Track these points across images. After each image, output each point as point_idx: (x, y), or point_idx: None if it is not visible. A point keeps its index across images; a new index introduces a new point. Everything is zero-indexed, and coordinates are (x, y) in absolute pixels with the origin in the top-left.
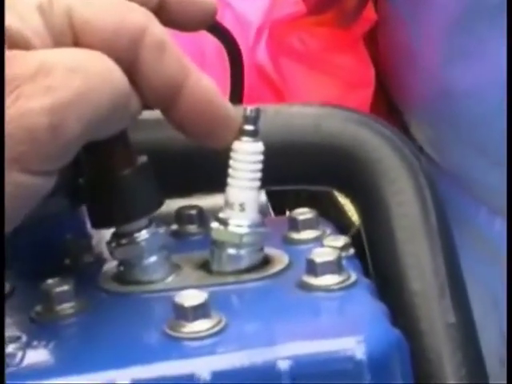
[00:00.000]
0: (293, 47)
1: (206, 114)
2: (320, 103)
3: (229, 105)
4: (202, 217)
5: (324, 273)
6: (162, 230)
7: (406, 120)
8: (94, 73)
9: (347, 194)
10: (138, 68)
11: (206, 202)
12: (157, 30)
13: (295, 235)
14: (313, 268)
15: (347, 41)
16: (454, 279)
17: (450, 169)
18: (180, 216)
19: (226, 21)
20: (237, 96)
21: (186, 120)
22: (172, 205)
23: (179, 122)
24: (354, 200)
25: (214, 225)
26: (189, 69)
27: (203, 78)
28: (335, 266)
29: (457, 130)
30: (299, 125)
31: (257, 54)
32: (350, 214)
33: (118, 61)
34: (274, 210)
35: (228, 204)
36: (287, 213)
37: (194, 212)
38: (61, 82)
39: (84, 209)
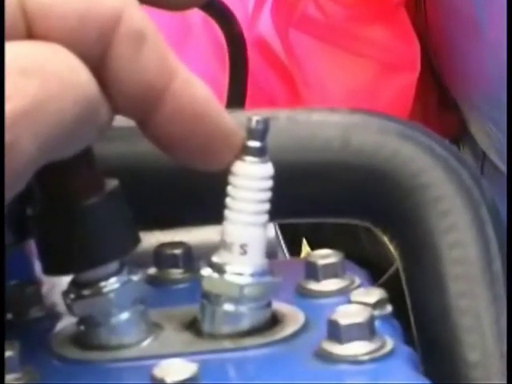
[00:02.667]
0: (307, 16)
1: (195, 128)
2: (349, 109)
3: (226, 115)
4: (189, 258)
5: (351, 339)
6: (137, 277)
7: (464, 116)
8: (54, 74)
9: (384, 230)
10: (109, 66)
11: (195, 237)
12: (135, 16)
13: (314, 285)
14: (336, 332)
15: (382, 8)
16: None
17: None
18: (160, 256)
19: None
20: (238, 95)
21: (169, 135)
22: (150, 240)
23: (160, 137)
24: (393, 238)
25: (206, 272)
26: (174, 68)
27: (193, 81)
28: (366, 330)
29: None
30: (321, 138)
31: (258, 26)
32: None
33: (84, 57)
34: (285, 237)
35: (225, 244)
36: (304, 241)
37: (178, 251)
38: (11, 89)
39: (32, 245)
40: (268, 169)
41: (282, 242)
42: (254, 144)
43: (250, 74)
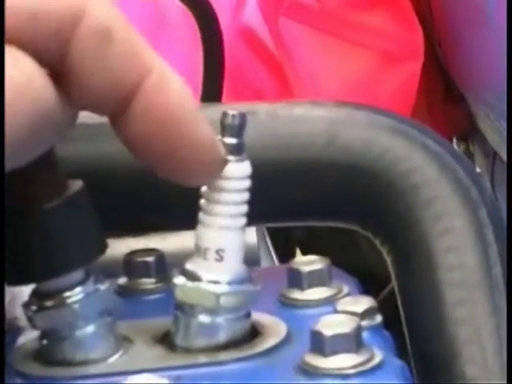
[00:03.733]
0: (298, 2)
1: (164, 132)
2: (335, 102)
3: (204, 124)
4: (162, 266)
5: (336, 351)
6: (104, 286)
7: (472, 110)
8: (9, 81)
9: (375, 234)
10: (70, 64)
11: (170, 244)
12: (99, 12)
13: (297, 294)
14: (320, 344)
15: None
16: None
17: None
18: (131, 265)
19: None
20: (213, 87)
21: (136, 136)
22: (120, 248)
23: (127, 137)
24: (385, 243)
25: (179, 280)
26: (149, 64)
27: (170, 80)
28: (352, 342)
29: None
30: (304, 134)
31: (244, 14)
32: None
33: (40, 56)
34: (276, 247)
35: (200, 250)
36: (297, 251)
37: (150, 259)
38: None
39: None
40: (245, 168)
41: (273, 251)
42: (230, 141)
43: (235, 66)
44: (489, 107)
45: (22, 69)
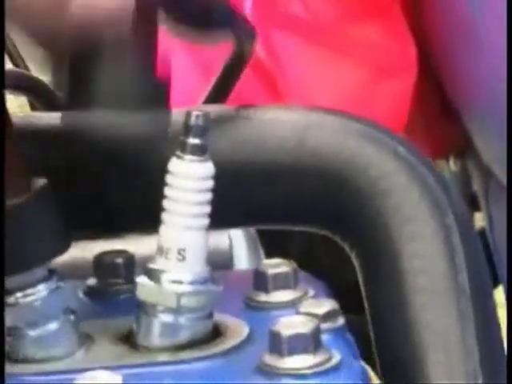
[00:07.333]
0: (291, 15)
1: None
2: (307, 107)
3: None
4: (132, 268)
5: (294, 351)
6: (66, 284)
7: (466, 126)
8: None
9: (343, 239)
10: None
11: (140, 245)
12: None
13: (262, 297)
14: (278, 344)
15: (375, 6)
16: (492, 365)
17: None
18: (100, 266)
19: None
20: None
21: None
22: (91, 249)
23: None
24: (353, 247)
25: (142, 280)
26: None
27: None
28: (310, 342)
29: None
30: (275, 138)
31: None
32: None
33: None
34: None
35: (162, 250)
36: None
37: (119, 260)
38: None
39: None
40: (208, 168)
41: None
42: (194, 141)
43: None
44: (481, 122)
45: None
